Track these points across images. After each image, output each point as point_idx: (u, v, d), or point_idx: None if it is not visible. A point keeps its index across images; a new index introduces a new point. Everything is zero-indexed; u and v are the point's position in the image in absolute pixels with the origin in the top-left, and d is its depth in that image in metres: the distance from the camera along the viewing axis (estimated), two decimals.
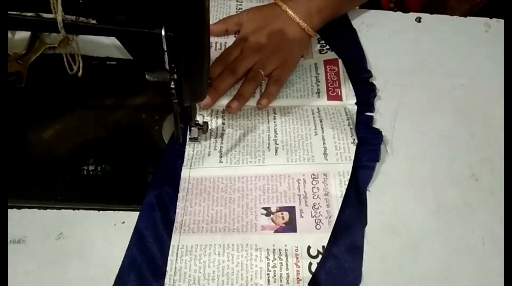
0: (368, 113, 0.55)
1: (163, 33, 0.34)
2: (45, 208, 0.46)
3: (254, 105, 0.54)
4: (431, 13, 0.65)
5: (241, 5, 0.64)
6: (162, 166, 0.49)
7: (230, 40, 0.59)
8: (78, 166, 0.49)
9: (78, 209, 0.47)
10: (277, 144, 0.51)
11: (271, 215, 0.46)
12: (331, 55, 0.59)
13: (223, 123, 0.53)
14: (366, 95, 0.56)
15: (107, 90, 0.55)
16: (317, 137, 0.51)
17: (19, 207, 0.46)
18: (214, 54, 0.56)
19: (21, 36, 0.56)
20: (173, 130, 0.50)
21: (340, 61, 0.58)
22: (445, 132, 0.55)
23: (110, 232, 0.46)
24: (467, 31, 0.64)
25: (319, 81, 0.56)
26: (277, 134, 0.52)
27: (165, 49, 0.35)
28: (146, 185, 0.48)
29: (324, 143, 0.51)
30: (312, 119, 0.53)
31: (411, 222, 0.48)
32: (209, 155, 0.50)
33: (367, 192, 0.49)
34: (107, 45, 0.56)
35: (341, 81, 0.56)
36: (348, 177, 0.48)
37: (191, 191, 0.48)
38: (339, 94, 0.55)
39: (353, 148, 0.50)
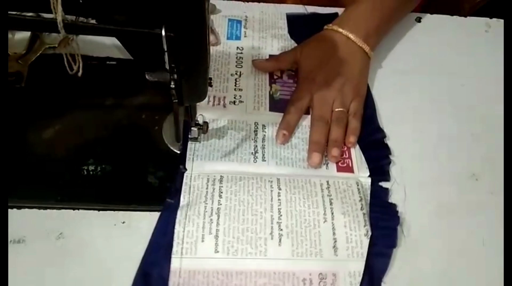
0: (382, 184, 0.50)
1: (163, 33, 0.34)
2: (45, 208, 0.46)
3: (256, 172, 0.48)
4: (431, 13, 0.66)
5: (241, 53, 0.60)
6: (152, 248, 0.44)
7: (229, 94, 0.55)
8: (78, 166, 0.49)
9: (78, 209, 0.47)
10: (281, 229, 0.44)
11: None
12: None
13: (219, 196, 0.46)
14: (380, 161, 0.51)
15: (107, 90, 0.55)
16: (326, 225, 0.45)
17: (19, 207, 0.46)
18: (212, 109, 0.53)
19: (21, 36, 0.56)
20: (173, 130, 0.50)
21: None
22: (445, 132, 0.55)
23: (110, 232, 0.46)
24: (467, 31, 0.64)
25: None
26: (281, 215, 0.45)
27: (165, 49, 0.35)
28: (146, 185, 0.48)
29: (334, 234, 0.44)
30: (321, 199, 0.46)
31: (411, 222, 0.48)
32: (203, 241, 0.43)
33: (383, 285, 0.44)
34: (107, 45, 0.56)
35: (351, 150, 0.52)
36: (360, 279, 0.43)
37: None
38: (350, 165, 0.50)
39: (366, 242, 0.44)
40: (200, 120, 0.51)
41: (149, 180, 0.49)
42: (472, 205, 0.50)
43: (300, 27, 0.62)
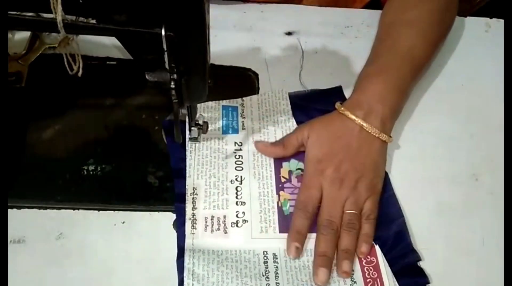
0: None
1: (163, 33, 0.34)
2: (45, 208, 0.46)
3: None
4: None
5: (240, 150, 0.51)
6: None
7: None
8: (78, 166, 0.49)
9: (78, 209, 0.47)
10: None
11: None
12: None
13: None
14: None
15: (107, 90, 0.55)
16: None
17: (19, 207, 0.46)
18: (211, 236, 0.45)
19: (21, 36, 0.56)
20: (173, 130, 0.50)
21: (377, 248, 0.45)
22: (445, 132, 0.55)
23: (110, 232, 0.46)
24: (467, 31, 0.64)
25: (355, 282, 0.43)
26: None
27: (165, 49, 0.35)
28: (146, 185, 0.48)
29: None
30: None
31: (411, 222, 0.48)
32: None
33: None
34: (107, 45, 0.56)
35: (384, 280, 0.43)
36: None
37: None
38: None
39: None
40: (200, 120, 0.50)
41: (149, 180, 0.49)
42: (472, 205, 0.50)
43: (302, 109, 0.54)
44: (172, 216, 0.47)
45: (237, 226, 0.46)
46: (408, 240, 0.46)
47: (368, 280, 0.43)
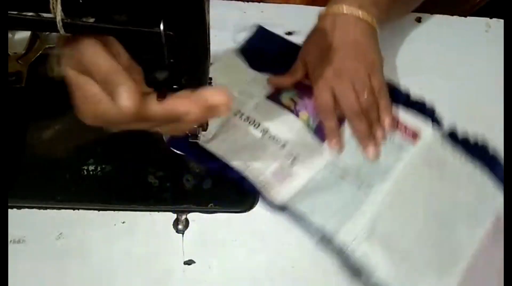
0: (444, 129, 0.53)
1: (163, 32, 0.34)
2: (45, 208, 0.46)
3: (378, 202, 0.49)
4: (431, 13, 0.65)
5: (243, 114, 0.53)
6: None
7: None
8: (78, 166, 0.49)
9: (78, 209, 0.47)
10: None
11: None
12: None
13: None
14: (427, 114, 0.54)
15: None
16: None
17: (19, 207, 0.46)
18: (284, 185, 0.49)
19: (21, 36, 0.56)
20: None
21: None
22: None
23: (110, 232, 0.46)
24: (467, 31, 0.64)
25: (391, 136, 0.52)
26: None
27: (165, 49, 0.35)
28: (146, 185, 0.48)
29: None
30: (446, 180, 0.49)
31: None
32: None
33: None
34: None
35: (402, 117, 0.54)
36: None
37: None
38: (414, 129, 0.53)
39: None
40: None
41: (149, 180, 0.49)
42: None
43: (256, 50, 0.58)
44: (172, 216, 0.47)
45: (294, 163, 0.50)
46: (397, 89, 0.54)
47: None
